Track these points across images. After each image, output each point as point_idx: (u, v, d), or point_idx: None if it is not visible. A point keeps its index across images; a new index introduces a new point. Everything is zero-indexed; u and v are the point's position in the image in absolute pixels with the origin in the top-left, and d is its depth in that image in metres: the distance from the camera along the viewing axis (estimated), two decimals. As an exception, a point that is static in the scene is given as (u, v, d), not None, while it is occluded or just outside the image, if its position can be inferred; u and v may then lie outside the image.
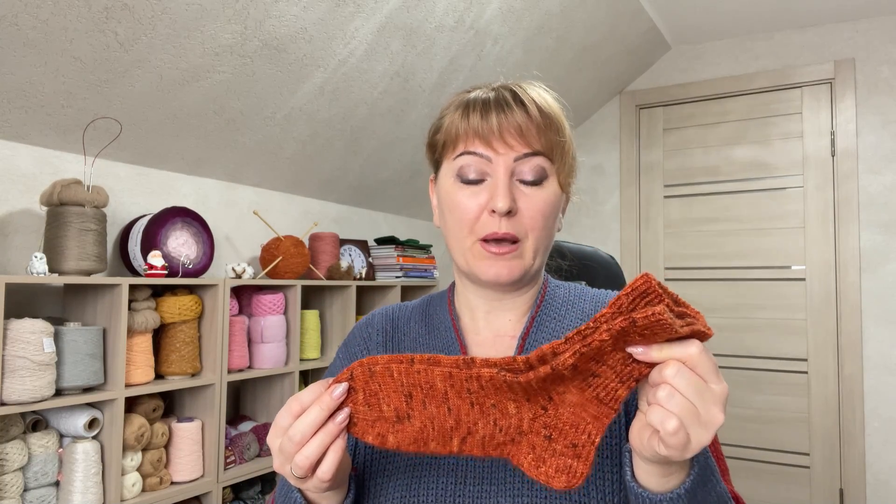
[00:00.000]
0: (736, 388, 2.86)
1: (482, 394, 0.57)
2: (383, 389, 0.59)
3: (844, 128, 2.70)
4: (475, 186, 0.72)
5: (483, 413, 0.58)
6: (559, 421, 0.57)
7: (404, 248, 2.59)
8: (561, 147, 0.72)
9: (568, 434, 0.56)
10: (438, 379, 0.57)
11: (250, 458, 1.94)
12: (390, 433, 0.59)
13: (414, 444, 0.59)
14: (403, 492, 0.71)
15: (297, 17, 1.70)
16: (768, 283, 2.82)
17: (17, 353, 1.38)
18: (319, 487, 0.60)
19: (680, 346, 0.51)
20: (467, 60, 2.23)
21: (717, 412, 0.51)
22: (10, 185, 1.62)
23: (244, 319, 1.96)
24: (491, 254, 0.71)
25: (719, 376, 0.52)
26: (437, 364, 0.57)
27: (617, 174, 3.15)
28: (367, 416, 0.59)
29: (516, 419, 0.58)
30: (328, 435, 0.58)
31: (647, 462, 0.56)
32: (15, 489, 1.41)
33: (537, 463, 0.58)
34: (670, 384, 0.51)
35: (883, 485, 2.56)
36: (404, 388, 0.58)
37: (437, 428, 0.58)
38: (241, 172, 2.18)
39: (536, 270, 0.75)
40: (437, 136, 0.77)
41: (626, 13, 2.50)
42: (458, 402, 0.58)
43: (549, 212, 0.72)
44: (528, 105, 0.71)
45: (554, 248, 1.20)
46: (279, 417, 0.60)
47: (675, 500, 0.56)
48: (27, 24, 1.36)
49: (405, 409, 0.58)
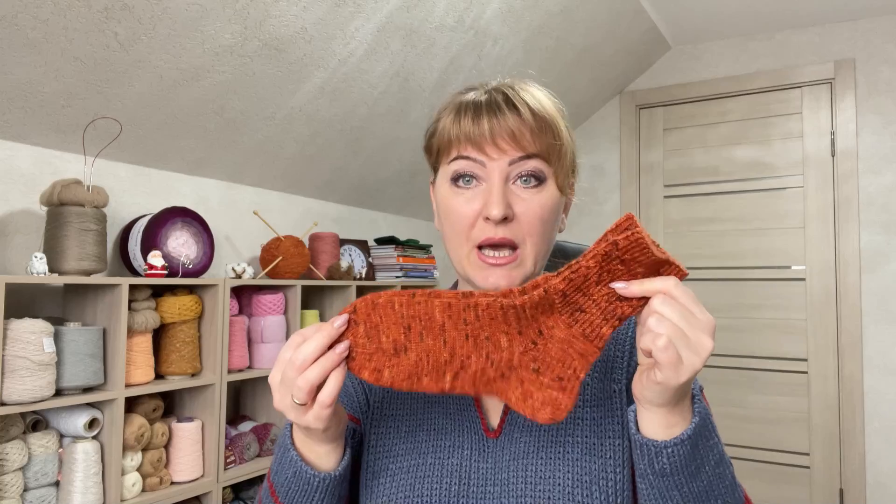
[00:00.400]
0: (736, 388, 2.86)
1: (477, 325, 0.60)
2: (384, 321, 0.61)
3: (844, 128, 2.70)
4: (470, 192, 0.70)
5: (477, 346, 0.61)
6: (547, 355, 0.61)
7: (404, 248, 2.59)
8: (557, 149, 0.70)
9: (555, 368, 0.60)
10: (437, 310, 0.61)
11: (250, 458, 1.94)
12: (386, 367, 0.61)
13: (408, 379, 0.61)
14: (407, 492, 0.71)
15: (297, 17, 1.70)
16: (768, 283, 2.82)
17: (17, 353, 1.38)
18: (320, 416, 0.61)
19: (660, 280, 0.56)
20: (467, 60, 2.23)
21: (705, 338, 0.54)
22: (10, 185, 1.62)
23: (244, 319, 1.96)
24: (488, 264, 0.69)
25: (702, 308, 0.56)
26: (438, 296, 0.61)
27: (617, 174, 3.15)
28: (366, 349, 0.62)
29: (507, 353, 0.61)
30: (330, 361, 0.60)
31: (651, 408, 0.59)
32: (15, 489, 1.41)
33: (524, 396, 0.61)
34: (657, 311, 0.55)
35: (883, 485, 2.56)
36: (404, 319, 0.61)
37: (432, 362, 0.61)
38: (241, 172, 2.18)
39: (536, 275, 0.74)
40: (432, 140, 0.76)
41: (626, 13, 2.50)
42: (454, 333, 0.61)
43: (548, 216, 0.70)
44: (520, 108, 0.69)
45: (555, 248, 1.20)
46: (282, 352, 0.62)
47: (678, 444, 0.58)
48: (27, 24, 1.36)
49: (403, 342, 0.61)
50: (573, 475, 0.68)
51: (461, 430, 0.74)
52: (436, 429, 0.75)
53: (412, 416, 0.76)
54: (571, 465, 0.69)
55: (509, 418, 0.73)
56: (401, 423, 0.76)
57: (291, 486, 0.67)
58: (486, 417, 0.74)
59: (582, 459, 0.69)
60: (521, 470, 0.69)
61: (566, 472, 0.69)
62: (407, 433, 0.75)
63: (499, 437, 0.72)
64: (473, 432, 0.73)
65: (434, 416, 0.76)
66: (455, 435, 0.74)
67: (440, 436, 0.74)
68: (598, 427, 0.71)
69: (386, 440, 0.76)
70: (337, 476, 0.67)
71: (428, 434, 0.75)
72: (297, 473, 0.66)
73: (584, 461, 0.69)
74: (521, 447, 0.71)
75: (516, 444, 0.71)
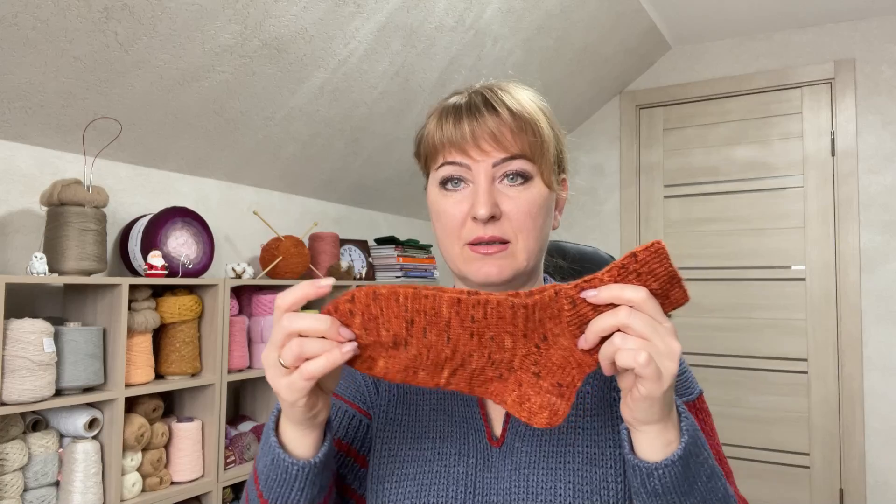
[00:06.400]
0: (736, 388, 2.86)
1: (484, 323, 0.59)
2: (384, 314, 0.59)
3: (844, 128, 2.70)
4: (458, 194, 0.72)
5: (480, 345, 0.60)
6: (549, 361, 0.60)
7: (404, 248, 2.59)
8: (539, 146, 0.71)
9: (556, 374, 0.60)
10: (445, 305, 0.59)
11: (250, 458, 1.94)
12: (381, 358, 0.60)
13: (403, 371, 0.60)
14: (413, 499, 0.71)
15: (297, 17, 1.70)
16: (768, 283, 2.82)
17: (17, 353, 1.38)
18: (295, 386, 0.58)
19: (630, 289, 0.56)
20: (467, 60, 2.23)
21: (672, 342, 0.55)
22: (10, 185, 1.62)
23: (244, 319, 1.96)
24: (480, 254, 0.70)
25: (664, 316, 0.57)
26: (446, 292, 0.59)
27: (617, 174, 3.15)
28: (362, 340, 0.59)
29: (510, 354, 0.61)
30: (331, 345, 0.57)
31: (644, 428, 0.59)
32: (15, 489, 1.41)
33: (521, 400, 0.61)
34: (626, 324, 0.55)
35: (883, 485, 2.56)
36: (408, 313, 0.59)
37: (432, 357, 0.60)
38: (241, 172, 2.18)
39: (531, 271, 0.74)
40: (420, 147, 0.77)
41: (626, 13, 2.50)
42: (460, 330, 0.59)
43: (536, 212, 0.71)
44: (499, 109, 0.70)
45: (554, 248, 1.20)
46: (292, 318, 0.59)
47: (668, 466, 0.59)
48: (27, 24, 1.36)
49: (404, 336, 0.59)
50: (574, 485, 0.68)
51: (466, 438, 0.74)
52: (441, 436, 0.75)
53: (417, 421, 0.76)
54: (572, 476, 0.69)
55: (510, 427, 0.73)
56: (406, 428, 0.76)
57: (271, 474, 0.65)
58: (491, 425, 0.74)
59: (582, 469, 0.69)
60: (522, 480, 0.70)
61: (567, 483, 0.69)
62: (413, 439, 0.75)
63: (501, 447, 0.72)
64: (478, 441, 0.73)
65: (440, 422, 0.76)
66: (460, 443, 0.74)
67: (445, 443, 0.74)
68: (598, 436, 0.71)
69: (392, 445, 0.76)
70: (316, 463, 0.64)
71: (433, 441, 0.75)
72: (276, 461, 0.64)
73: (584, 471, 0.69)
74: (522, 457, 0.71)
75: (518, 453, 0.71)
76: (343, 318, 0.59)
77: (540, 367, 0.61)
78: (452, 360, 0.60)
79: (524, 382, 0.61)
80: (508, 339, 0.60)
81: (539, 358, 0.60)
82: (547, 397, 0.60)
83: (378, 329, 0.59)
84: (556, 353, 0.60)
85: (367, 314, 0.59)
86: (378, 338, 0.59)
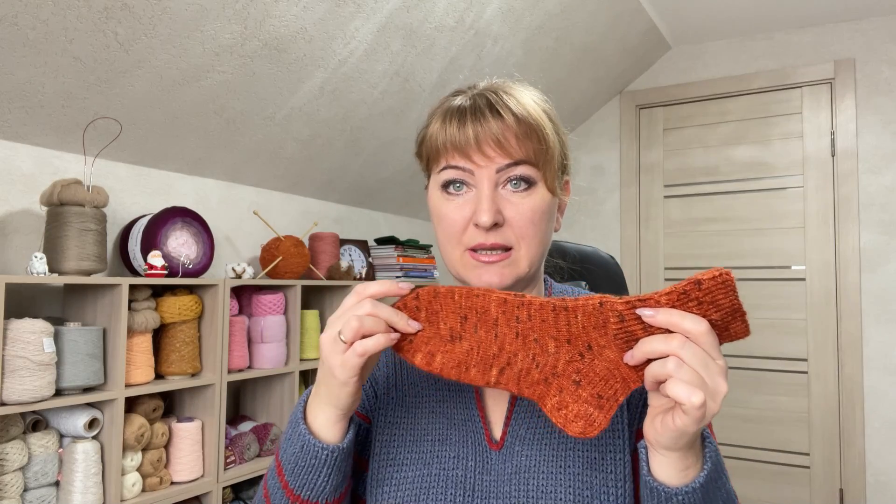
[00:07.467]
0: (736, 388, 2.86)
1: (528, 325, 0.62)
2: (444, 310, 0.65)
3: (844, 128, 2.70)
4: (460, 198, 0.71)
5: (525, 345, 0.62)
6: (592, 371, 0.60)
7: (404, 248, 2.59)
8: (543, 153, 0.70)
9: (597, 385, 0.60)
10: (493, 304, 0.63)
11: (250, 458, 1.94)
12: (440, 352, 0.65)
13: (457, 367, 0.64)
14: (412, 502, 0.71)
15: (297, 17, 1.70)
16: (768, 283, 2.82)
17: (17, 353, 1.38)
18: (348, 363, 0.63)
19: (690, 319, 0.54)
20: (467, 60, 2.23)
21: (721, 382, 0.54)
22: (10, 185, 1.62)
23: (244, 319, 1.96)
24: (481, 262, 0.70)
25: (720, 352, 0.54)
26: (494, 292, 0.63)
27: (617, 174, 3.15)
28: (425, 333, 0.65)
29: (553, 358, 0.62)
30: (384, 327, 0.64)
31: (664, 452, 0.58)
32: (15, 489, 1.41)
33: (559, 406, 0.61)
34: (677, 354, 0.53)
35: (883, 485, 2.56)
36: (462, 309, 0.64)
37: (482, 354, 0.63)
38: (241, 172, 2.18)
39: (532, 276, 0.74)
40: (422, 147, 0.76)
41: (626, 13, 2.50)
42: (506, 329, 0.63)
43: (539, 219, 0.70)
44: (504, 114, 0.69)
45: (554, 248, 1.20)
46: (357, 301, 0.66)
47: (689, 493, 0.58)
48: (27, 24, 1.36)
49: (459, 330, 0.64)
50: (574, 489, 0.68)
51: (465, 441, 0.73)
52: (440, 439, 0.74)
53: (417, 424, 0.76)
54: (572, 480, 0.69)
55: (510, 430, 0.73)
56: (406, 431, 0.76)
57: (299, 461, 0.67)
58: (490, 428, 0.74)
59: (583, 473, 0.69)
60: (522, 484, 0.69)
61: (567, 487, 0.68)
62: (412, 442, 0.75)
63: (501, 450, 0.72)
64: (477, 443, 0.73)
65: (439, 425, 0.75)
66: (459, 446, 0.73)
67: (444, 446, 0.74)
68: (599, 441, 0.71)
69: (391, 448, 0.76)
70: (344, 448, 0.67)
71: (432, 444, 0.74)
72: (305, 447, 0.67)
73: (585, 475, 0.69)
74: (522, 461, 0.71)
75: (518, 457, 0.71)
76: (410, 314, 0.65)
77: (581, 376, 0.60)
78: (499, 358, 0.63)
79: (564, 389, 0.61)
80: (552, 344, 0.61)
81: (581, 367, 0.60)
82: (585, 406, 0.60)
83: (438, 323, 0.65)
84: (601, 364, 0.59)
85: (429, 309, 0.65)
86: (438, 331, 0.65)
